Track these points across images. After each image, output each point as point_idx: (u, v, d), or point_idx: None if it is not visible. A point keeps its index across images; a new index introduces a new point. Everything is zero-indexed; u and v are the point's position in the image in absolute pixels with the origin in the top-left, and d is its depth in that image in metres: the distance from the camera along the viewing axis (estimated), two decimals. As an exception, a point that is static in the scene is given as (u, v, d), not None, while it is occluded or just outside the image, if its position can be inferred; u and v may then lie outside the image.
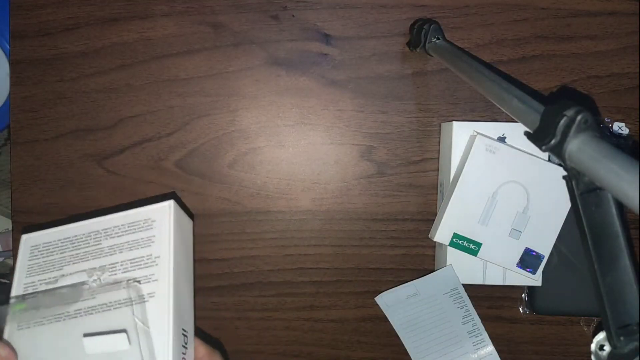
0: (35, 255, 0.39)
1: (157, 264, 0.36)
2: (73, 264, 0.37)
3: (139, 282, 0.36)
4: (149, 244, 0.37)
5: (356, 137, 0.56)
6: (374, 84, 0.55)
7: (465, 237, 0.50)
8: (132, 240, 0.37)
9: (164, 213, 0.38)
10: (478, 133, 0.50)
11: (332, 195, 0.56)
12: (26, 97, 0.55)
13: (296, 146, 0.56)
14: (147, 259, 0.36)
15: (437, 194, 0.56)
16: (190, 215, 0.42)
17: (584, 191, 0.31)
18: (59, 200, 0.55)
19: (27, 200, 0.55)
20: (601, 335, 0.55)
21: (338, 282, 0.57)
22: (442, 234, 0.50)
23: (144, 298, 0.35)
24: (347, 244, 0.56)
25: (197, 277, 0.56)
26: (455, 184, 0.49)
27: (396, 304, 0.54)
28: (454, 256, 0.51)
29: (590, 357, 0.55)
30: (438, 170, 0.56)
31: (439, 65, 0.55)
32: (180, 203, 0.40)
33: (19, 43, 0.54)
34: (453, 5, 0.54)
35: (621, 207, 0.29)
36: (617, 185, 0.26)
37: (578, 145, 0.29)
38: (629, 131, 0.55)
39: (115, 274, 0.36)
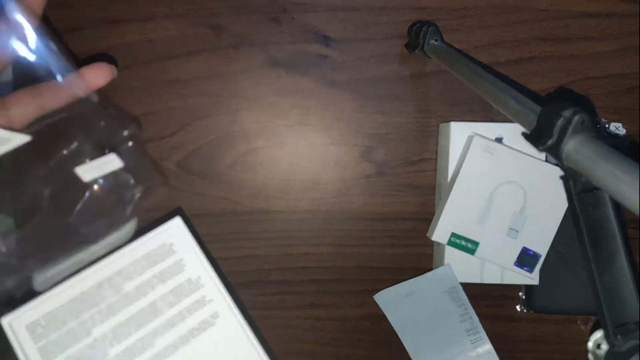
0: (41, 335, 0.32)
1: (203, 285, 0.33)
2: (101, 323, 0.32)
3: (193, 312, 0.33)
4: (182, 269, 0.33)
5: (356, 137, 0.56)
6: (374, 85, 0.56)
7: (463, 237, 0.50)
8: (158, 273, 0.33)
9: (178, 232, 0.34)
10: (476, 134, 0.50)
11: (332, 195, 0.56)
12: (28, 98, 0.55)
13: (296, 146, 0.56)
14: (189, 284, 0.33)
15: (435, 194, 0.56)
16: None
17: (581, 191, 0.31)
18: (60, 201, 0.56)
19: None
20: (598, 334, 0.55)
21: (338, 281, 0.57)
22: (440, 234, 0.51)
23: (210, 322, 0.33)
24: (347, 243, 0.57)
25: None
26: (453, 184, 0.50)
27: (395, 302, 0.54)
28: (452, 255, 0.52)
29: (587, 355, 0.56)
30: (436, 170, 0.56)
31: (437, 66, 0.55)
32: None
33: (20, 44, 0.55)
34: (451, 7, 0.55)
35: (618, 206, 0.29)
36: (614, 185, 0.26)
37: (575, 146, 0.30)
38: (626, 132, 0.55)
39: (163, 312, 0.32)
